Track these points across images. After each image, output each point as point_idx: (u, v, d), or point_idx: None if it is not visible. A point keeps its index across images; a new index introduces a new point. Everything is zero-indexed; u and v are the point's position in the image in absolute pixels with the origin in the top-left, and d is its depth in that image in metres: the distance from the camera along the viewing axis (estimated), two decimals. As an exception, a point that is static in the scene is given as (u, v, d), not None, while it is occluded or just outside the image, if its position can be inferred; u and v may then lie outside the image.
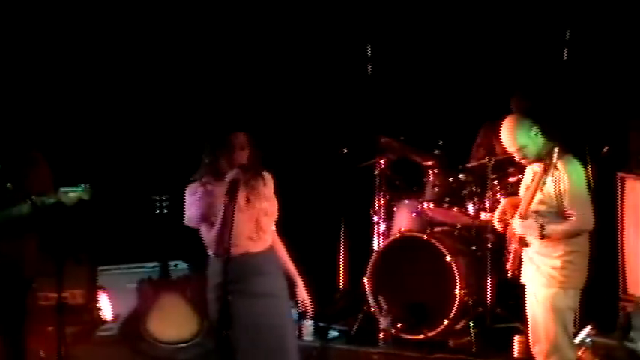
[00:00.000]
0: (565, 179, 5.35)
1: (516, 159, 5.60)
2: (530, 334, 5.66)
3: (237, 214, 4.87)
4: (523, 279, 5.65)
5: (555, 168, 5.31)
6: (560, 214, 5.41)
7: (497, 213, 5.72)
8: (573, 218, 5.36)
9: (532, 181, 5.42)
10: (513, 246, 5.58)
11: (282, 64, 8.32)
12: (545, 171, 5.31)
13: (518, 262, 5.61)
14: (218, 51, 8.32)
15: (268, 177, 5.12)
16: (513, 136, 5.48)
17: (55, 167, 6.03)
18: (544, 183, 5.36)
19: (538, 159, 5.45)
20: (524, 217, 5.40)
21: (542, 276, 5.46)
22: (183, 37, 8.24)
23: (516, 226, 5.45)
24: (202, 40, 8.28)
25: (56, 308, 6.02)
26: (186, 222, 5.06)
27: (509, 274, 5.69)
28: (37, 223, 5.68)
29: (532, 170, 5.53)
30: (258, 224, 5.00)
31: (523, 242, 5.50)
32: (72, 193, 5.56)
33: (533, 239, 5.46)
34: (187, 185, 5.09)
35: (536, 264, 5.49)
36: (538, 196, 5.42)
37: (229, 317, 4.80)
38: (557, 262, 5.42)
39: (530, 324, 5.63)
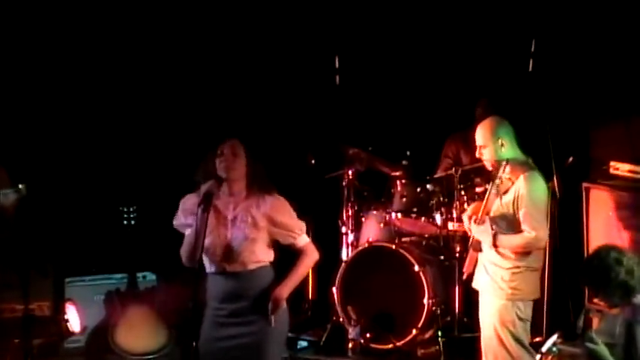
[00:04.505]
0: (525, 195, 5.38)
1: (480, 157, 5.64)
2: (482, 343, 5.65)
3: (211, 230, 4.70)
4: (474, 284, 5.70)
5: (507, 181, 5.36)
6: (512, 226, 5.42)
7: (467, 213, 5.74)
8: (527, 234, 5.39)
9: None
10: (471, 250, 5.65)
11: (251, 74, 8.31)
12: (492, 180, 5.38)
13: (473, 267, 5.67)
14: (183, 58, 8.28)
15: (269, 201, 4.79)
16: (482, 133, 5.55)
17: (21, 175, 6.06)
18: (498, 193, 5.40)
19: (491, 164, 5.51)
20: (480, 222, 5.44)
21: (492, 285, 5.51)
22: (145, 42, 8.20)
23: (473, 229, 5.50)
24: (168, 47, 8.23)
25: (22, 320, 5.97)
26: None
27: (464, 276, 5.75)
28: None
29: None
30: (230, 247, 4.70)
31: (478, 247, 5.56)
32: (10, 194, 5.78)
33: (486, 247, 5.51)
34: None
35: (489, 272, 5.53)
36: (497, 205, 5.46)
37: (199, 329, 4.77)
38: (506, 275, 5.45)
39: (482, 332, 5.64)
